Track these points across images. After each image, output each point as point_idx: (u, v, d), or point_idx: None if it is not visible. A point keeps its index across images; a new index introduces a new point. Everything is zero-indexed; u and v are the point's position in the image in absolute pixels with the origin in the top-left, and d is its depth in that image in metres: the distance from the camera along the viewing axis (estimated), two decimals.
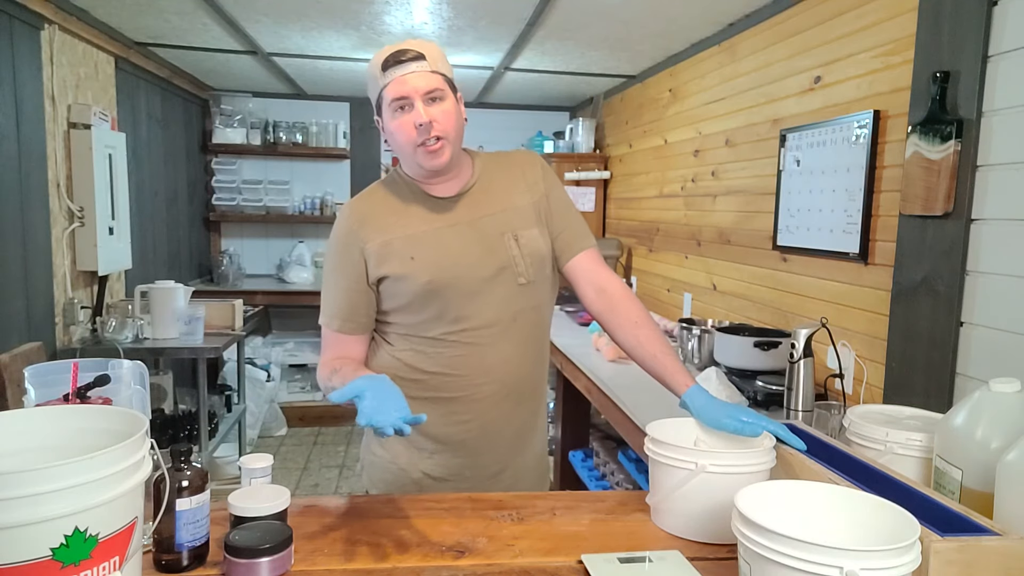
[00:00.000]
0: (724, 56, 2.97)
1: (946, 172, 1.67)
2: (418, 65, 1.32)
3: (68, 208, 3.01)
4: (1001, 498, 1.02)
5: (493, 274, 1.39)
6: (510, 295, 1.41)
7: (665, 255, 3.63)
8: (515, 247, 1.41)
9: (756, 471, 1.15)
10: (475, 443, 1.45)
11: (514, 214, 1.44)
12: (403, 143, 1.36)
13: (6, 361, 2.40)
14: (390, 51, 1.34)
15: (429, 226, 1.41)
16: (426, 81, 1.32)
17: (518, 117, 5.34)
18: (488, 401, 1.43)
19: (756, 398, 2.09)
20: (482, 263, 1.39)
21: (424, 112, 1.32)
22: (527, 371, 1.47)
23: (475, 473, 1.46)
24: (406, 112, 1.33)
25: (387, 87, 1.33)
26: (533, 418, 1.53)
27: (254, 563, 1.00)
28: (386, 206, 1.44)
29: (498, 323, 1.40)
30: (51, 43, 2.84)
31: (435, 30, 3.20)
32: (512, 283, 1.41)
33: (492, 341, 1.41)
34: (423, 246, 1.38)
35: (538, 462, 1.57)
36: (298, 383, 5.05)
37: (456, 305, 1.38)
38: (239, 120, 4.99)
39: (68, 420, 0.99)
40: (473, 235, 1.41)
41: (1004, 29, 1.58)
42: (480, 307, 1.39)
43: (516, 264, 1.41)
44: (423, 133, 1.33)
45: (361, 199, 1.47)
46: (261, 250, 5.31)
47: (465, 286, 1.38)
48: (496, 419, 1.44)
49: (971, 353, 1.66)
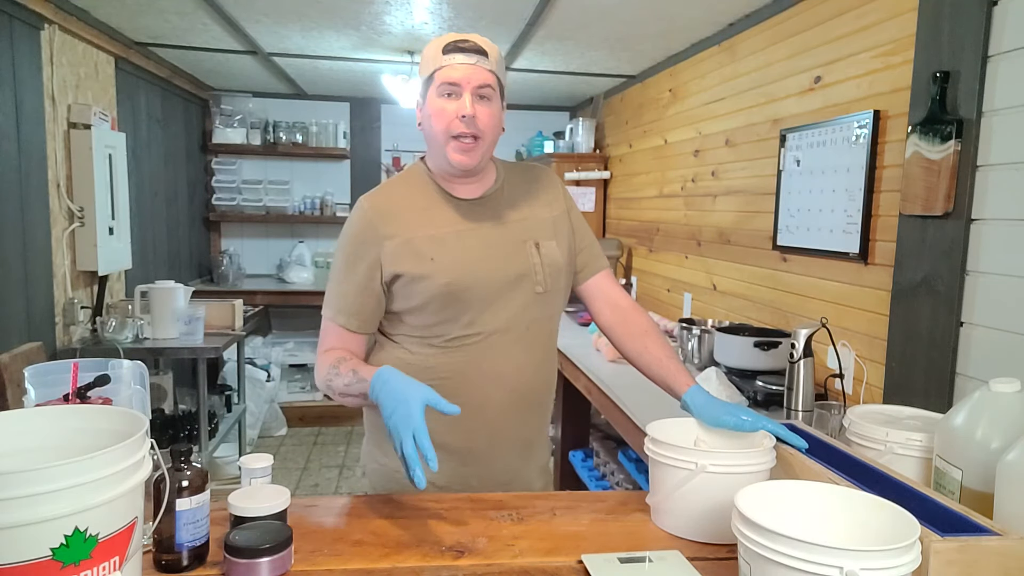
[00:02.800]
0: (724, 56, 2.97)
1: (946, 172, 1.67)
2: (478, 59, 1.32)
3: (68, 208, 3.01)
4: (1001, 498, 1.02)
5: (513, 280, 1.38)
6: (527, 303, 1.40)
7: (665, 255, 3.63)
8: (536, 255, 1.40)
9: (756, 471, 1.15)
10: (483, 452, 1.42)
11: (535, 223, 1.44)
12: (438, 130, 1.33)
13: (6, 361, 2.40)
14: (455, 36, 1.33)
15: (452, 228, 1.38)
16: (481, 76, 1.32)
17: (518, 117, 5.34)
18: (497, 410, 1.40)
19: (756, 398, 2.09)
20: (503, 269, 1.37)
21: (470, 105, 1.31)
22: (538, 381, 1.45)
23: (482, 483, 1.43)
24: (452, 99, 1.32)
25: (442, 69, 1.31)
26: (541, 428, 1.51)
27: (254, 563, 1.00)
28: (407, 203, 1.40)
29: (512, 330, 1.39)
30: (51, 43, 2.84)
31: (435, 30, 3.20)
32: (530, 291, 1.39)
33: (505, 348, 1.39)
34: (445, 247, 1.36)
35: (543, 470, 1.55)
36: (298, 383, 5.05)
37: (473, 309, 1.36)
38: (239, 120, 5.00)
39: (68, 420, 0.99)
40: (496, 239, 1.39)
41: (1004, 29, 1.58)
42: (496, 313, 1.37)
43: (536, 272, 1.40)
44: (462, 125, 1.31)
45: (380, 193, 1.43)
46: (261, 250, 5.31)
47: (484, 291, 1.35)
48: (505, 428, 1.42)
49: (971, 353, 1.66)
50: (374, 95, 5.06)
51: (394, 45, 3.52)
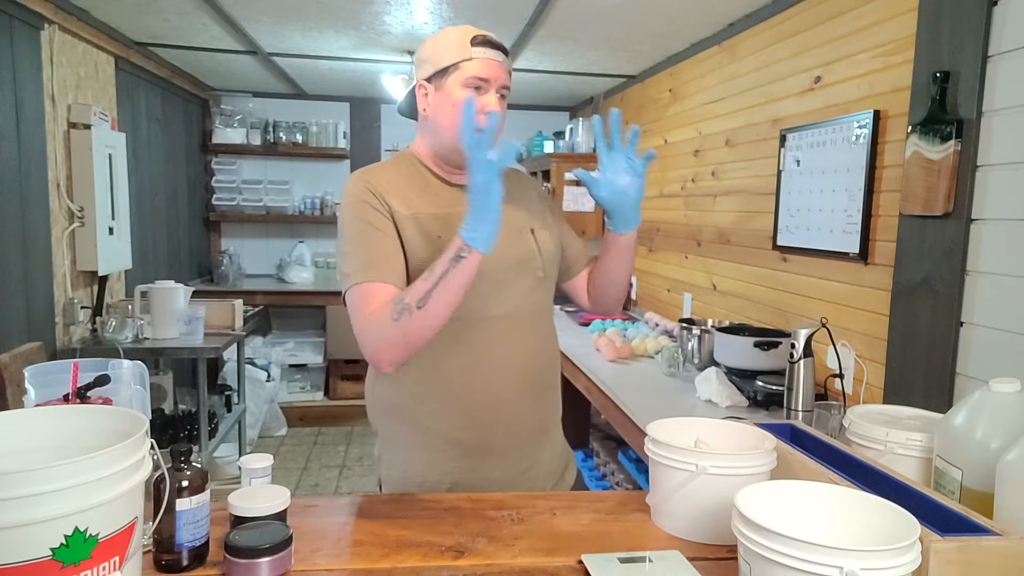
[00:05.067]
0: (724, 56, 2.97)
1: (946, 172, 1.67)
2: (503, 58, 1.34)
3: (68, 208, 3.01)
4: (1001, 498, 1.02)
5: (516, 264, 1.38)
6: (531, 287, 1.40)
7: (665, 255, 3.63)
8: (533, 241, 1.42)
9: (756, 472, 1.15)
10: (501, 444, 1.40)
11: (527, 212, 1.46)
12: (456, 121, 1.29)
13: (6, 361, 2.40)
14: (477, 30, 1.34)
15: (455, 208, 1.32)
16: (505, 75, 1.35)
17: (518, 117, 5.34)
18: (511, 400, 1.39)
19: (756, 398, 2.09)
20: (507, 252, 1.36)
21: (497, 103, 1.32)
22: (547, 364, 1.46)
23: (503, 473, 1.41)
24: (480, 94, 1.32)
25: (472, 61, 1.31)
26: (555, 411, 1.51)
27: (254, 563, 1.00)
28: (404, 181, 1.37)
29: (519, 314, 1.39)
30: (51, 43, 2.84)
31: (435, 30, 3.19)
32: (532, 275, 1.40)
33: (514, 334, 1.38)
34: (451, 227, 1.24)
35: (562, 451, 1.55)
36: (298, 383, 5.05)
37: (481, 293, 1.32)
38: (239, 120, 5.00)
39: (68, 420, 0.98)
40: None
41: (1004, 29, 1.58)
42: (505, 297, 1.36)
43: (535, 257, 1.41)
44: (485, 121, 1.27)
45: (371, 171, 1.37)
46: (261, 250, 5.31)
47: (492, 274, 1.33)
48: (521, 416, 1.41)
49: (971, 353, 1.66)
50: (374, 95, 5.06)
51: (394, 45, 3.52)
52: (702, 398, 2.20)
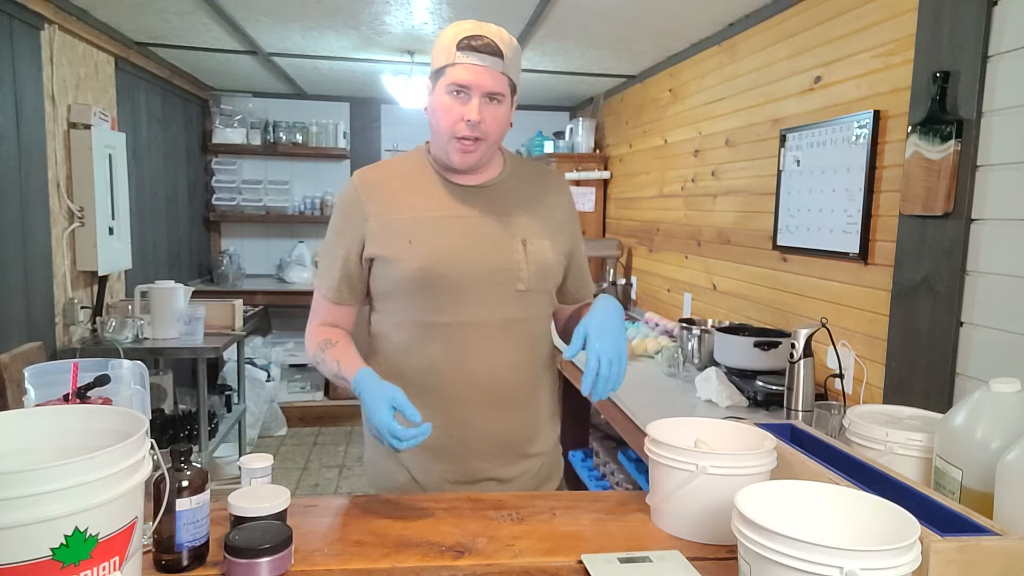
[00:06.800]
0: (724, 56, 2.97)
1: (946, 172, 1.67)
2: (492, 61, 1.28)
3: (68, 208, 3.01)
4: (1001, 498, 1.02)
5: (490, 274, 1.35)
6: (504, 299, 1.37)
7: (665, 255, 3.63)
8: (521, 252, 1.37)
9: (756, 473, 1.15)
10: (455, 449, 1.39)
11: (531, 221, 1.41)
12: (443, 127, 1.32)
13: (6, 361, 2.40)
14: (471, 30, 1.29)
15: (435, 212, 1.37)
16: (493, 81, 1.29)
17: (518, 117, 5.24)
18: (470, 406, 1.37)
19: (756, 398, 2.09)
20: (480, 260, 1.35)
21: (477, 111, 1.29)
22: (517, 380, 1.40)
23: (457, 479, 1.40)
24: (460, 100, 1.30)
25: (453, 67, 1.28)
26: (527, 431, 1.44)
27: (254, 563, 1.00)
28: (399, 182, 1.40)
29: (485, 325, 1.36)
30: (51, 43, 2.84)
31: (435, 30, 3.20)
32: (509, 288, 1.36)
33: (478, 343, 1.36)
34: (423, 232, 1.34)
35: (536, 474, 1.49)
36: (298, 383, 5.05)
37: (443, 298, 1.33)
38: (239, 120, 5.00)
39: (68, 420, 0.99)
40: (479, 230, 1.37)
41: (1004, 29, 1.58)
42: (468, 305, 1.35)
43: (518, 269, 1.36)
44: (466, 129, 1.30)
45: (375, 169, 1.44)
46: (261, 250, 5.31)
47: (459, 280, 1.33)
48: (478, 426, 1.38)
49: (971, 353, 1.66)
50: (374, 95, 5.06)
51: (394, 45, 3.52)
52: (702, 398, 2.20)
